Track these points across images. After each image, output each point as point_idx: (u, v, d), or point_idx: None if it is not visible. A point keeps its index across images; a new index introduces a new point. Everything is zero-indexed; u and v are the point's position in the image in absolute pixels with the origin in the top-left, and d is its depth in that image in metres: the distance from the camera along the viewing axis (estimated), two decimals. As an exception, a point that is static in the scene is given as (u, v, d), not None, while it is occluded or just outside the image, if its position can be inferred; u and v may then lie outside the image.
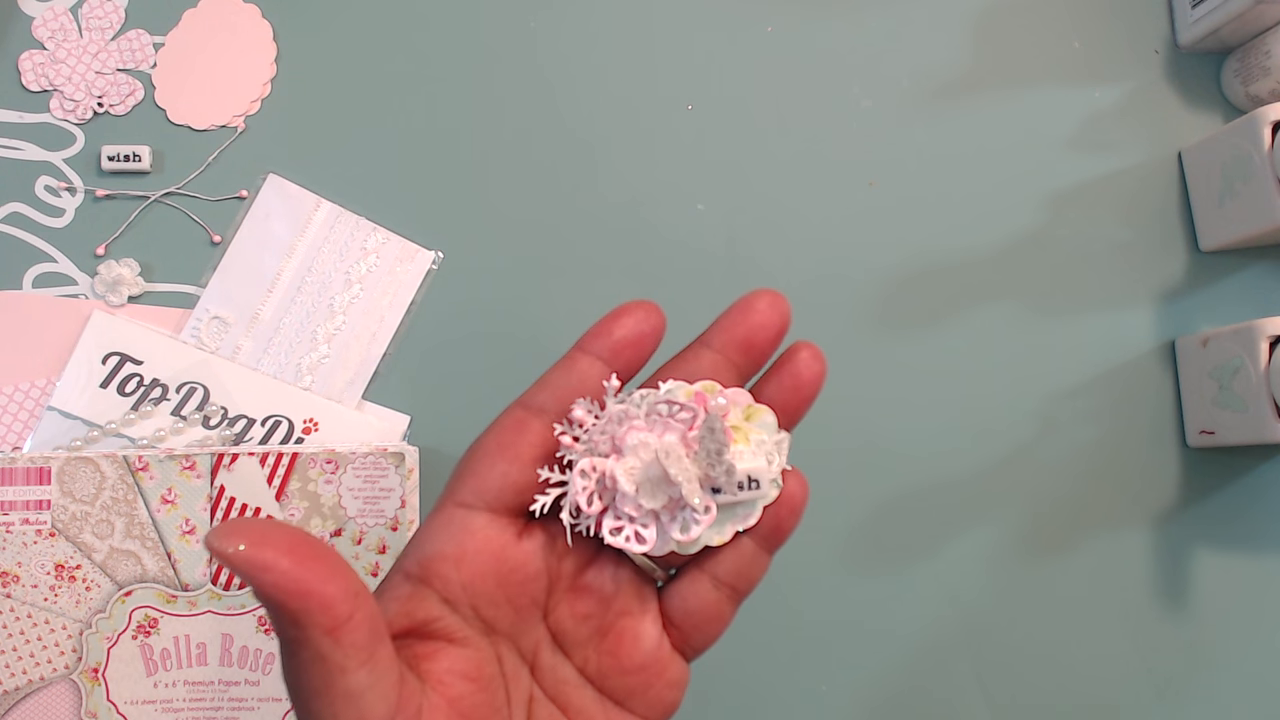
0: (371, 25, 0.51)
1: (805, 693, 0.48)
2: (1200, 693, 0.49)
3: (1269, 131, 0.45)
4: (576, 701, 0.28)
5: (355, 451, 0.46)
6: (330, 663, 0.22)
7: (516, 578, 0.27)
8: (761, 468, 0.26)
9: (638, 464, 0.26)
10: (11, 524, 0.45)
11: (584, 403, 0.26)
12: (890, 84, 0.52)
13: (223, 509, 0.46)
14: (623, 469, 0.26)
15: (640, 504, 0.26)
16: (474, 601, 0.26)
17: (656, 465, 0.26)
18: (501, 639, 0.27)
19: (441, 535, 0.27)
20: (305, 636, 0.22)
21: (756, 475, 0.26)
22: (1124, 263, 0.51)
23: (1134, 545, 0.49)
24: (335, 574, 0.22)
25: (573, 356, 0.28)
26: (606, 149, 0.51)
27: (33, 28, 0.50)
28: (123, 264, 0.49)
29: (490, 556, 0.26)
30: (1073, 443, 0.50)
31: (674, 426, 0.26)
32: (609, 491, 0.26)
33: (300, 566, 0.22)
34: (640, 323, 0.27)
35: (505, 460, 0.27)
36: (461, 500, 0.27)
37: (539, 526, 0.28)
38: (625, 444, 0.26)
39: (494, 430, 0.28)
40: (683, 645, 0.28)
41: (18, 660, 0.45)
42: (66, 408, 0.47)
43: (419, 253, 0.50)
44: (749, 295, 0.28)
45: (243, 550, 0.21)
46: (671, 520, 0.26)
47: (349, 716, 0.23)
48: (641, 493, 0.26)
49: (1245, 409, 0.45)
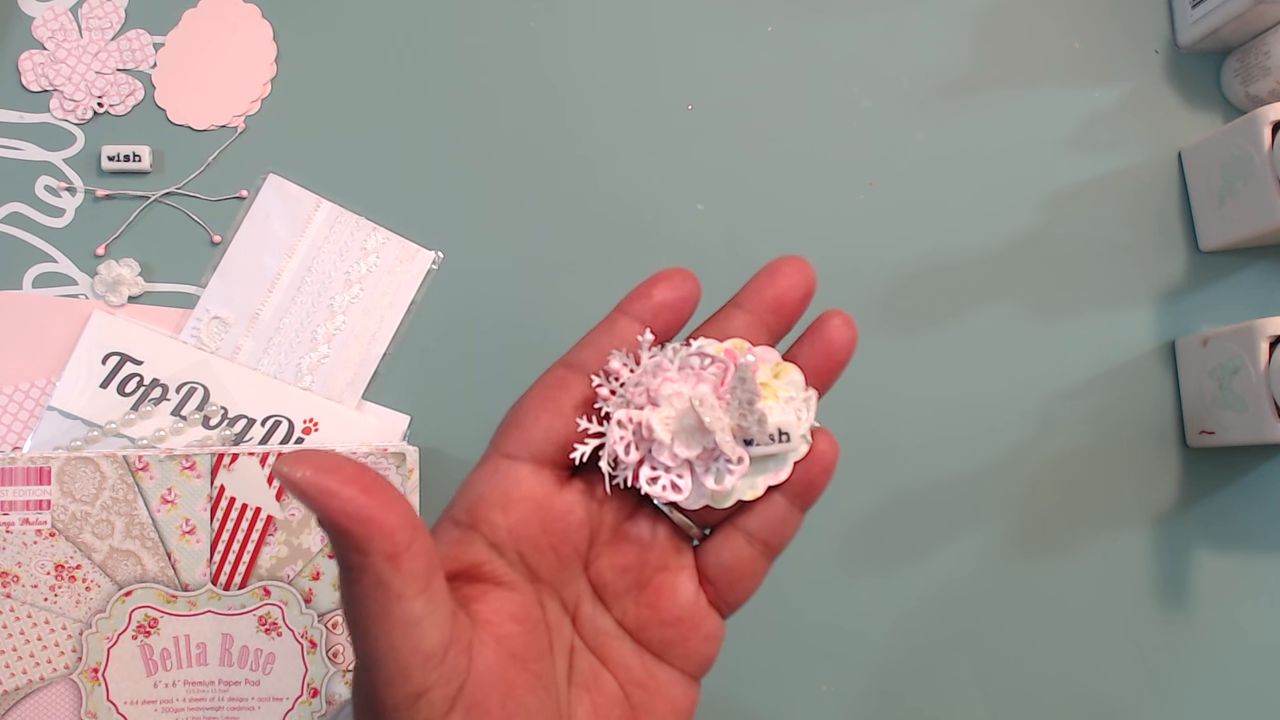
0: (371, 25, 0.51)
1: (807, 692, 0.48)
2: (1200, 692, 0.49)
3: (1269, 131, 0.45)
4: (615, 653, 0.29)
5: (355, 451, 0.46)
6: (390, 589, 0.23)
7: (559, 526, 0.28)
8: (791, 421, 0.27)
9: (672, 413, 0.27)
10: (11, 524, 0.45)
11: (620, 355, 0.27)
12: (890, 84, 0.52)
13: (223, 509, 0.46)
14: (658, 418, 0.27)
15: (676, 453, 0.27)
16: (520, 547, 0.27)
17: (691, 414, 0.27)
18: (545, 587, 0.28)
19: (488, 483, 0.28)
20: (367, 562, 0.23)
21: (786, 428, 0.27)
22: (1124, 263, 0.51)
23: (1134, 545, 0.49)
24: (396, 503, 0.23)
25: (613, 318, 0.29)
26: (606, 149, 0.51)
27: (33, 28, 0.50)
28: (123, 264, 0.49)
29: (535, 504, 0.27)
30: (1073, 443, 0.50)
31: (706, 378, 0.27)
32: (645, 442, 0.27)
33: (365, 494, 0.23)
34: (678, 287, 0.29)
35: (548, 413, 0.28)
36: (507, 451, 0.28)
37: (581, 479, 0.29)
38: (660, 395, 0.27)
39: (537, 387, 0.29)
40: (718, 601, 0.29)
41: (18, 660, 0.45)
42: (66, 408, 0.47)
43: (419, 253, 0.50)
44: (776, 260, 0.29)
45: (310, 475, 0.22)
46: (706, 471, 0.27)
47: (405, 643, 0.23)
48: (677, 442, 0.27)
49: (1245, 409, 0.45)
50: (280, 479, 0.22)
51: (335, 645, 0.46)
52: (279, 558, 0.46)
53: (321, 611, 0.46)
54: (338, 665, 0.46)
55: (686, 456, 0.27)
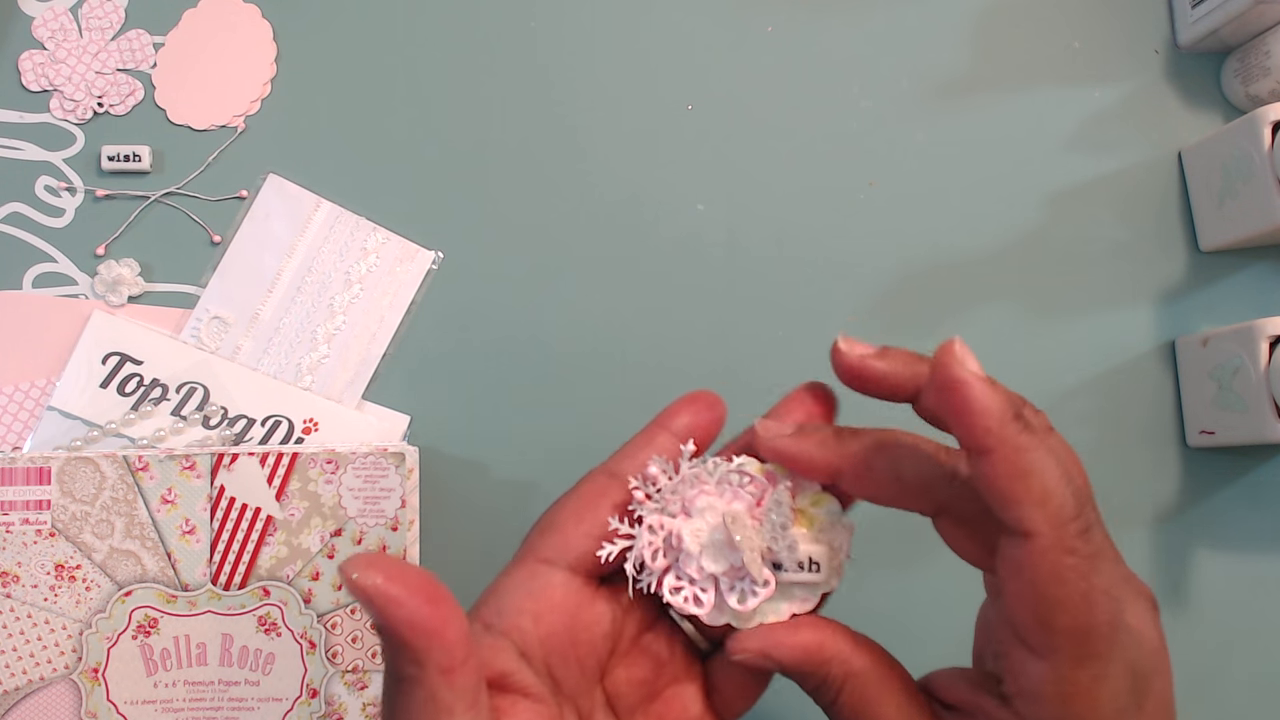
0: (371, 25, 0.51)
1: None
2: (1200, 692, 0.49)
3: (1269, 131, 0.45)
4: None
5: (355, 451, 0.46)
6: (440, 704, 0.23)
7: (586, 637, 0.28)
8: (823, 551, 0.27)
9: (704, 526, 0.27)
10: (11, 524, 0.45)
11: (660, 460, 0.27)
12: (890, 84, 0.52)
13: (223, 509, 0.46)
14: (689, 529, 0.27)
15: (702, 566, 0.27)
16: (548, 658, 0.27)
17: (722, 529, 0.26)
18: (565, 699, 0.28)
19: (522, 590, 0.28)
20: (422, 675, 0.23)
21: (818, 558, 0.27)
22: (1124, 263, 0.51)
23: (1134, 545, 0.49)
24: (456, 616, 0.23)
25: (652, 430, 0.29)
26: (606, 149, 0.51)
27: (33, 28, 0.50)
28: (123, 264, 0.49)
29: (566, 614, 0.27)
30: (1073, 443, 0.49)
31: (742, 496, 0.27)
32: (673, 551, 0.27)
33: (429, 605, 0.23)
34: (702, 412, 0.29)
35: (587, 522, 0.28)
36: (543, 556, 0.28)
37: (609, 587, 0.29)
38: (694, 506, 0.27)
39: (576, 492, 0.29)
40: (723, 710, 0.29)
41: (18, 660, 0.45)
42: (66, 408, 0.47)
43: (419, 253, 0.50)
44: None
45: (380, 584, 0.22)
46: (730, 589, 0.27)
47: None
48: (705, 555, 0.27)
49: (1245, 409, 0.45)
50: (346, 583, 0.22)
51: (335, 646, 0.46)
52: (279, 558, 0.46)
53: (321, 612, 0.46)
54: (337, 666, 0.46)
55: (713, 571, 0.27)
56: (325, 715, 0.45)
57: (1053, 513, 0.23)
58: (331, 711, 0.45)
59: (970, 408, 0.23)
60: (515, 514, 0.48)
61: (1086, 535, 0.23)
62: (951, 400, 0.24)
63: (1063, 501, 0.23)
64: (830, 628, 0.27)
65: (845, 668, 0.26)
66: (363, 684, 0.45)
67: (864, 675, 0.26)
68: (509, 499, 0.48)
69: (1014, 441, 0.23)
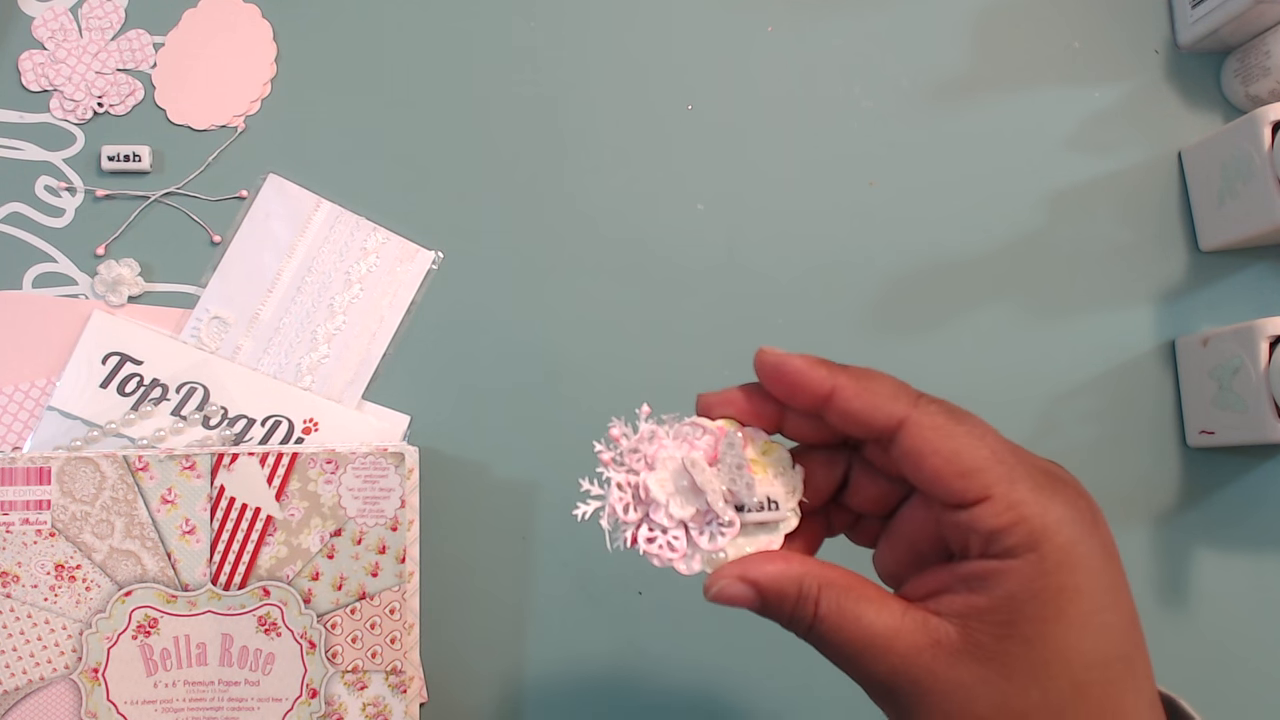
0: (371, 26, 0.51)
1: (808, 692, 0.48)
2: (1201, 692, 0.49)
3: (1269, 131, 0.45)
4: None
5: (355, 451, 0.46)
6: None
7: None
8: (780, 490, 0.29)
9: (667, 476, 0.29)
10: (11, 524, 0.45)
11: (619, 422, 0.29)
12: (890, 84, 0.52)
13: (223, 509, 0.46)
14: (654, 479, 0.29)
15: (672, 513, 0.29)
16: None
17: (684, 474, 0.29)
18: None
19: None
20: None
21: (775, 497, 0.29)
22: (1124, 263, 0.51)
23: (1134, 545, 0.49)
24: None
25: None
26: (607, 149, 0.51)
27: (33, 28, 0.50)
28: (123, 264, 0.49)
29: None
30: (1073, 443, 0.50)
31: (699, 446, 0.29)
32: (644, 504, 0.29)
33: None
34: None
35: None
36: None
37: None
38: (656, 460, 0.29)
39: None
40: None
41: (18, 660, 0.45)
42: (66, 408, 0.47)
43: (419, 253, 0.50)
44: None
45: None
46: (700, 533, 0.29)
47: None
48: (672, 503, 0.29)
49: (1245, 409, 0.45)
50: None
51: (335, 646, 0.46)
52: (278, 558, 0.46)
53: (321, 612, 0.46)
54: (337, 666, 0.46)
55: (682, 516, 0.29)
56: (325, 715, 0.45)
57: (903, 395, 0.28)
58: (331, 711, 0.45)
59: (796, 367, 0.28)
60: (515, 514, 0.48)
61: (948, 410, 0.28)
62: (784, 373, 0.28)
63: (895, 387, 0.28)
64: (799, 553, 0.29)
65: (819, 578, 0.27)
66: (362, 684, 0.45)
67: (838, 582, 0.27)
68: (509, 499, 0.48)
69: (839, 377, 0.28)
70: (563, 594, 0.48)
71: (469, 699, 0.48)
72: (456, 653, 0.48)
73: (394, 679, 0.45)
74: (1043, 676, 0.25)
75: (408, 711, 0.45)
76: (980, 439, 0.27)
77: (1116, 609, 0.27)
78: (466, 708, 0.48)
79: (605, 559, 0.48)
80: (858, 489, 0.30)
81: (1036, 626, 0.25)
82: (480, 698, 0.48)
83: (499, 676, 0.48)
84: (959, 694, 0.26)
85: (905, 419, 0.27)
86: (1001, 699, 0.26)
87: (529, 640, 0.48)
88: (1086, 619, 0.26)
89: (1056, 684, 0.25)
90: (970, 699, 0.26)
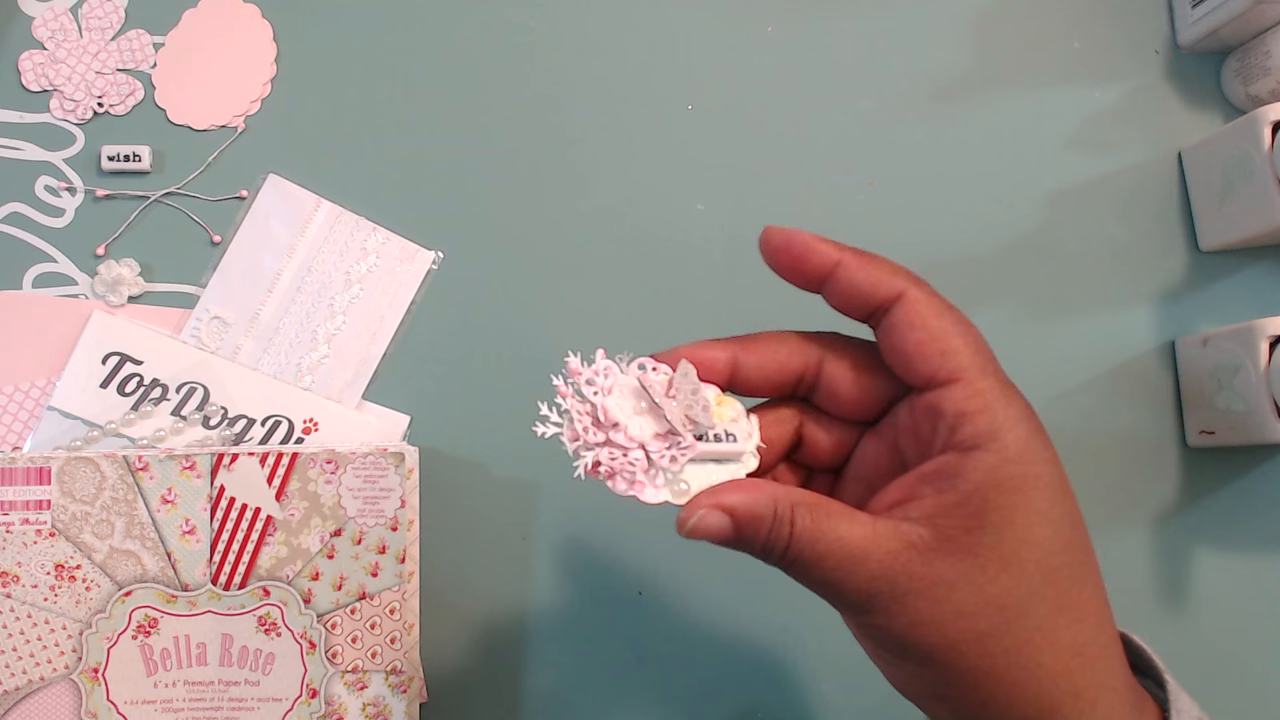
0: (371, 26, 0.51)
1: (808, 693, 0.48)
2: (1201, 693, 0.49)
3: (1269, 131, 0.45)
4: None
5: (355, 451, 0.46)
6: None
7: None
8: (737, 427, 0.30)
9: (625, 400, 0.29)
10: (11, 524, 0.45)
11: (574, 357, 0.29)
12: (890, 84, 0.52)
13: (223, 509, 0.46)
14: (614, 401, 0.29)
15: (632, 436, 0.29)
16: None
17: (643, 395, 0.29)
18: None
19: None
20: None
21: (733, 431, 0.29)
22: (1124, 263, 0.51)
23: (1134, 545, 0.49)
24: None
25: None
26: (607, 149, 0.51)
27: (33, 28, 0.50)
28: (123, 264, 0.49)
29: None
30: (1073, 443, 0.50)
31: (655, 377, 0.30)
32: (603, 429, 0.29)
33: None
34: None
35: None
36: None
37: None
38: (613, 390, 0.30)
39: None
40: None
41: (18, 660, 0.45)
42: (66, 408, 0.47)
43: (419, 253, 0.50)
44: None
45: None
46: (661, 456, 0.29)
47: None
48: (631, 424, 0.29)
49: (1245, 409, 0.45)
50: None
51: (334, 646, 0.46)
52: (278, 558, 0.46)
53: (321, 612, 0.46)
54: (337, 666, 0.46)
55: (641, 438, 0.29)
56: (325, 715, 0.45)
57: (903, 272, 0.30)
58: (331, 711, 0.45)
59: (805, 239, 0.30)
60: (515, 514, 0.48)
61: (942, 297, 0.30)
62: (793, 245, 0.30)
63: (896, 265, 0.30)
64: (768, 480, 0.30)
65: (791, 499, 0.28)
66: (362, 684, 0.45)
67: (809, 500, 0.28)
68: (509, 499, 0.48)
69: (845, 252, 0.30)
70: (563, 594, 0.48)
71: (469, 699, 0.48)
72: (456, 653, 0.48)
73: (394, 679, 0.45)
74: (1014, 564, 0.27)
75: (408, 711, 0.45)
76: (965, 327, 0.29)
77: (1071, 503, 0.28)
78: (466, 708, 0.48)
79: (605, 559, 0.48)
80: (812, 442, 0.31)
81: (1004, 514, 0.27)
82: (480, 698, 0.48)
83: (499, 676, 0.48)
84: (937, 590, 0.27)
85: (904, 292, 0.29)
86: (978, 589, 0.27)
87: (529, 640, 0.48)
88: (1049, 508, 0.27)
89: (1026, 570, 0.27)
90: (949, 592, 0.27)
